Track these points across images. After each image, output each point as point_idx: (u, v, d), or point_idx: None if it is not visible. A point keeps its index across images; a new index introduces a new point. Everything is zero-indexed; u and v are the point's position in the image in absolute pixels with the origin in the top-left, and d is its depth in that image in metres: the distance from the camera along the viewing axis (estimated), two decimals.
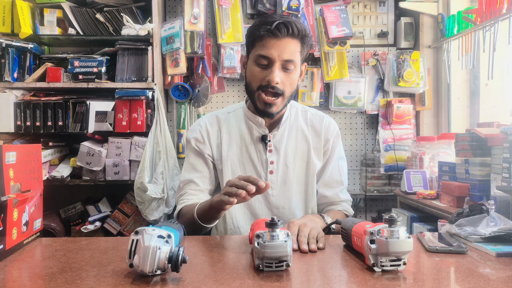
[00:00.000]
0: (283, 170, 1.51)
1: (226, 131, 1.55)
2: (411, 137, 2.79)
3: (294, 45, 1.38)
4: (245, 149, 1.52)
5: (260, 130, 1.51)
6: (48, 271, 0.91)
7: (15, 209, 1.04)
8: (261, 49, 1.37)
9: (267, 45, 1.36)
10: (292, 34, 1.36)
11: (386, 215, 0.87)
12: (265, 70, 1.38)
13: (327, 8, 2.70)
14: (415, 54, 2.73)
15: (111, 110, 2.50)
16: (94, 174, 2.48)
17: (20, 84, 2.52)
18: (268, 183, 1.08)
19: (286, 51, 1.36)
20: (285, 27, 1.35)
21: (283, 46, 1.36)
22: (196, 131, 1.57)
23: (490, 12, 2.09)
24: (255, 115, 1.50)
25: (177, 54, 2.60)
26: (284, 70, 1.38)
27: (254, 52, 1.41)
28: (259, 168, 1.50)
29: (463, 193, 1.77)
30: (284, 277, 0.86)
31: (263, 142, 1.51)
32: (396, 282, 0.82)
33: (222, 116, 1.58)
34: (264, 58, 1.37)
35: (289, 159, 1.51)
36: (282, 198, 1.51)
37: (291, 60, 1.37)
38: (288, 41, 1.37)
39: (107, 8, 2.57)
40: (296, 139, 1.54)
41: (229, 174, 1.51)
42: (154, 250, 0.81)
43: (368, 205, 2.88)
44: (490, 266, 0.93)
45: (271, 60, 1.36)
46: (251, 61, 1.43)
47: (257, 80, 1.40)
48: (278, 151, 1.51)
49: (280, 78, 1.37)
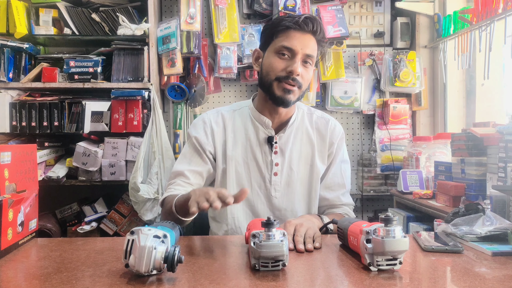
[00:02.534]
0: (287, 173, 1.50)
1: (231, 129, 1.53)
2: (407, 137, 2.80)
3: (314, 41, 1.41)
4: (250, 149, 1.50)
5: (266, 131, 1.50)
6: (43, 271, 0.90)
7: (10, 209, 1.04)
8: (286, 40, 1.38)
9: (292, 36, 1.38)
10: (314, 32, 1.39)
11: (382, 215, 0.87)
12: (286, 61, 1.39)
13: (324, 8, 2.70)
14: (411, 54, 2.74)
15: (107, 110, 2.49)
16: (90, 175, 2.47)
17: (16, 84, 2.50)
18: (231, 199, 1.04)
19: (309, 46, 1.39)
20: (311, 23, 1.38)
21: (307, 40, 1.39)
22: (199, 127, 1.54)
23: (486, 12, 2.09)
24: (262, 115, 1.49)
25: (173, 54, 2.60)
26: (303, 64, 1.40)
27: (275, 43, 1.41)
28: (264, 169, 1.49)
29: (459, 192, 1.77)
30: (280, 276, 0.86)
31: (269, 144, 1.49)
32: (392, 281, 0.82)
33: (227, 114, 1.56)
34: (288, 50, 1.38)
35: (294, 162, 1.51)
36: (285, 200, 1.50)
37: (312, 55, 1.40)
38: (310, 36, 1.40)
39: (103, 8, 2.56)
40: (301, 142, 1.53)
41: (233, 173, 1.50)
42: (149, 250, 0.81)
43: (364, 205, 2.88)
44: (486, 265, 0.93)
45: (294, 52, 1.38)
46: (270, 53, 1.43)
47: (277, 70, 1.39)
48: (283, 153, 1.50)
49: (300, 70, 1.38)
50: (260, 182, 1.50)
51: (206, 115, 1.58)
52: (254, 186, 1.50)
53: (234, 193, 1.47)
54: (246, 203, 1.51)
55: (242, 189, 1.08)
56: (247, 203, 1.51)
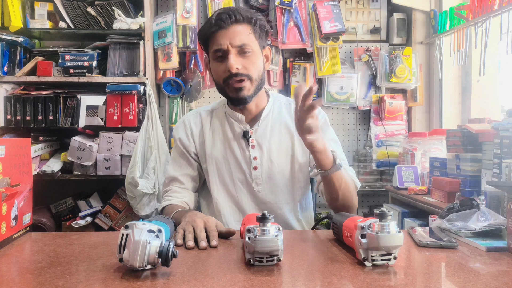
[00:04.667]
0: (268, 165, 1.49)
1: (209, 128, 1.55)
2: (403, 133, 2.80)
3: (243, 29, 1.39)
4: (228, 146, 1.51)
5: (241, 126, 1.50)
6: (37, 265, 0.90)
7: (4, 203, 1.03)
8: (215, 44, 1.39)
9: (218, 37, 1.38)
10: (236, 20, 1.38)
11: (377, 210, 0.87)
12: (223, 62, 1.39)
13: (320, 4, 2.70)
14: (407, 50, 2.74)
15: (102, 104, 2.48)
16: (85, 169, 2.47)
17: (10, 78, 2.49)
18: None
19: (236, 37, 1.37)
20: (227, 15, 1.37)
21: (232, 33, 1.37)
22: (181, 129, 1.58)
23: (482, 8, 2.09)
24: (235, 111, 1.50)
25: (169, 48, 2.59)
26: (241, 55, 1.39)
27: (211, 50, 1.43)
28: (243, 164, 1.49)
29: (454, 188, 1.78)
30: (275, 271, 0.86)
31: (245, 138, 1.49)
32: (386, 276, 0.83)
33: (205, 113, 1.59)
34: (219, 51, 1.38)
35: (273, 154, 1.50)
36: (268, 193, 1.49)
37: (244, 43, 1.38)
38: (235, 27, 1.38)
39: (99, 2, 2.55)
40: (279, 133, 1.52)
41: (214, 171, 1.51)
42: (144, 245, 0.81)
43: (359, 201, 2.86)
44: (480, 260, 0.94)
45: (225, 51, 1.37)
46: (211, 60, 1.45)
47: (220, 74, 1.41)
48: (261, 146, 1.50)
49: (240, 63, 1.37)
50: (242, 177, 1.50)
51: (186, 116, 1.61)
52: (237, 182, 1.50)
53: (219, 194, 1.51)
54: (231, 200, 1.51)
55: (229, 230, 1.14)
56: (232, 200, 1.51)
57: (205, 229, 1.12)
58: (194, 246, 1.04)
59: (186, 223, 1.15)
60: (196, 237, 1.08)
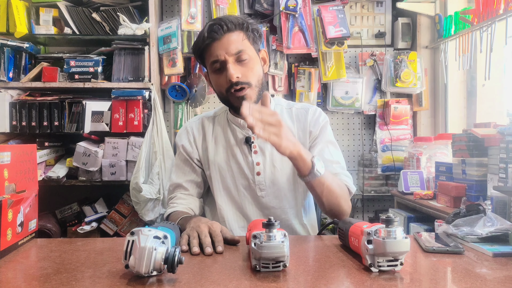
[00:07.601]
0: (271, 171, 1.49)
1: (212, 135, 1.55)
2: (408, 138, 2.80)
3: (236, 36, 1.38)
4: (231, 152, 1.51)
5: (243, 132, 1.50)
6: (43, 272, 0.90)
7: (9, 209, 1.03)
8: (211, 56, 1.39)
9: (212, 50, 1.38)
10: (229, 29, 1.37)
11: (383, 216, 0.87)
12: (223, 74, 1.39)
13: (325, 8, 2.70)
14: (412, 55, 2.74)
15: (108, 110, 2.49)
16: (91, 175, 2.47)
17: (16, 84, 2.50)
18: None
19: (230, 45, 1.37)
20: (219, 26, 1.36)
21: (226, 42, 1.37)
22: (184, 136, 1.58)
23: (487, 13, 2.09)
24: (236, 117, 1.50)
25: (174, 54, 2.60)
26: (239, 63, 1.38)
27: (208, 63, 1.43)
28: (246, 170, 1.49)
29: (460, 193, 1.77)
30: (281, 277, 0.85)
31: (247, 144, 1.49)
32: (393, 282, 0.82)
33: (207, 120, 1.59)
34: (217, 63, 1.38)
35: (276, 159, 1.49)
36: (272, 198, 1.49)
37: (240, 50, 1.37)
38: (228, 36, 1.37)
39: (104, 8, 2.56)
40: None
41: (217, 178, 1.51)
42: (150, 251, 0.81)
43: (365, 205, 2.88)
44: (487, 266, 0.93)
45: (222, 61, 1.37)
46: (210, 73, 1.45)
47: (221, 85, 1.41)
48: (263, 152, 1.49)
49: (239, 71, 1.37)
50: (245, 183, 1.49)
51: (189, 123, 1.61)
52: (240, 188, 1.50)
53: (223, 200, 1.51)
54: (235, 206, 1.51)
55: (234, 238, 1.14)
56: (236, 206, 1.51)
57: (210, 235, 1.11)
58: (200, 252, 1.04)
59: (190, 229, 1.15)
60: (201, 243, 1.08)
